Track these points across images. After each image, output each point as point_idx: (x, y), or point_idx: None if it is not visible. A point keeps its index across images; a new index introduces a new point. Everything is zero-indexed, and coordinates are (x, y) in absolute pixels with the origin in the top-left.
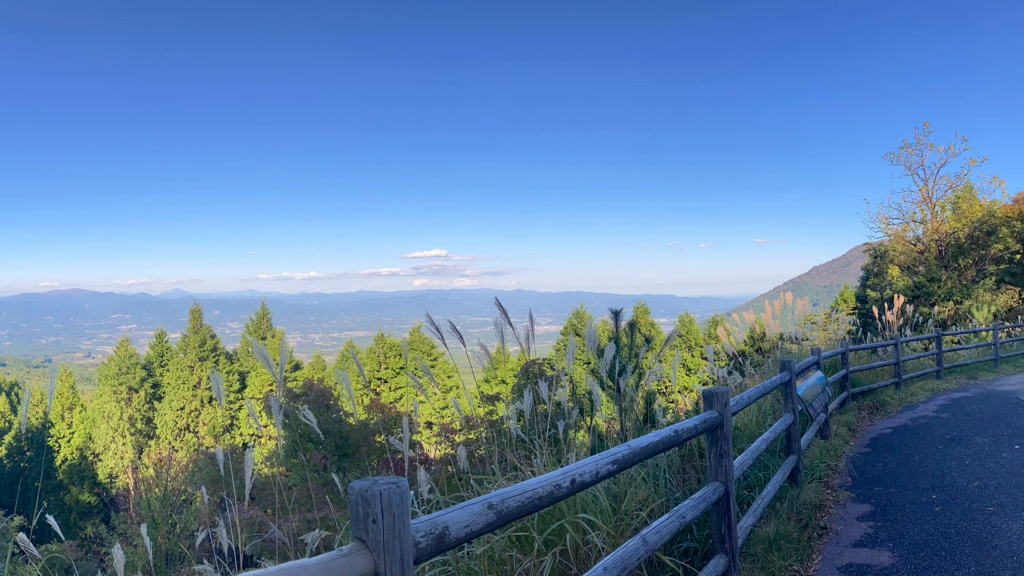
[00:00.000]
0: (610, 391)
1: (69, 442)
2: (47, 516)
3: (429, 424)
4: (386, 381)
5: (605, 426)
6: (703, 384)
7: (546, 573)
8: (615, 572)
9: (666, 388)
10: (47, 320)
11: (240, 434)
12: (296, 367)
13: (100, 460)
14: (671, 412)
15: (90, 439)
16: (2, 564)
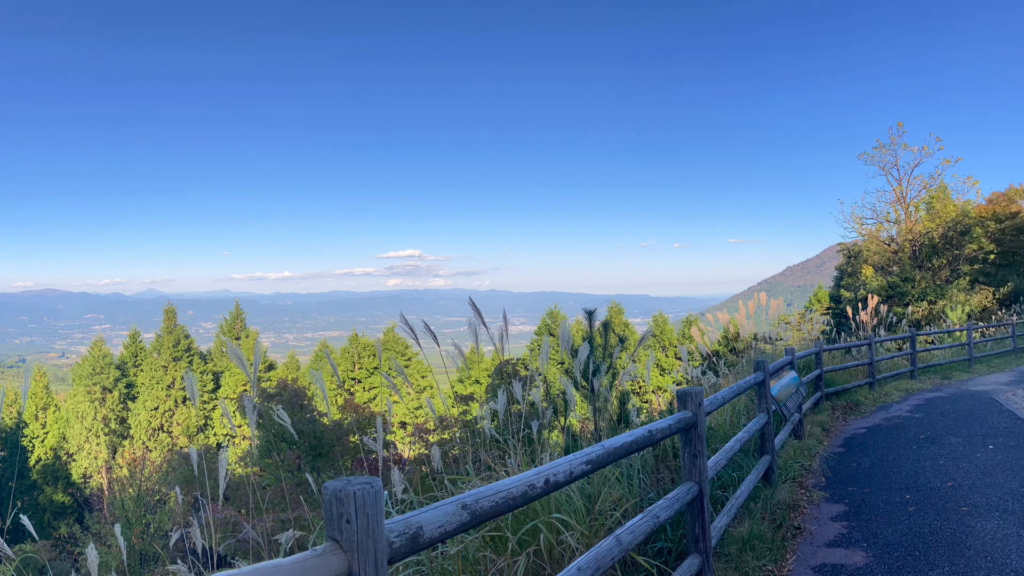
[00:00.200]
0: (584, 391)
1: (43, 442)
2: (21, 516)
3: (403, 424)
4: (360, 381)
5: (579, 426)
6: (677, 384)
7: (520, 573)
8: (589, 572)
9: (640, 388)
10: (21, 320)
11: (214, 434)
12: (270, 367)
13: (74, 460)
14: (645, 412)
15: (64, 439)
16: None
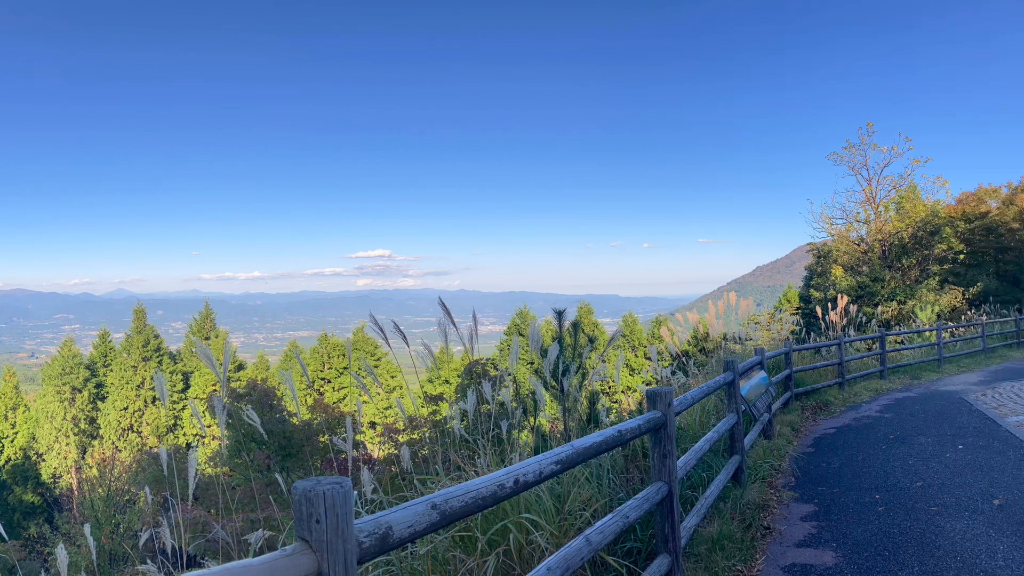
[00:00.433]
0: (554, 391)
1: (12, 442)
2: None
3: (373, 424)
4: (329, 381)
5: (549, 426)
6: (647, 384)
7: (490, 573)
8: (559, 572)
9: (609, 388)
10: None
11: (184, 434)
12: (239, 367)
13: (43, 460)
14: (614, 412)
15: (33, 439)
16: None
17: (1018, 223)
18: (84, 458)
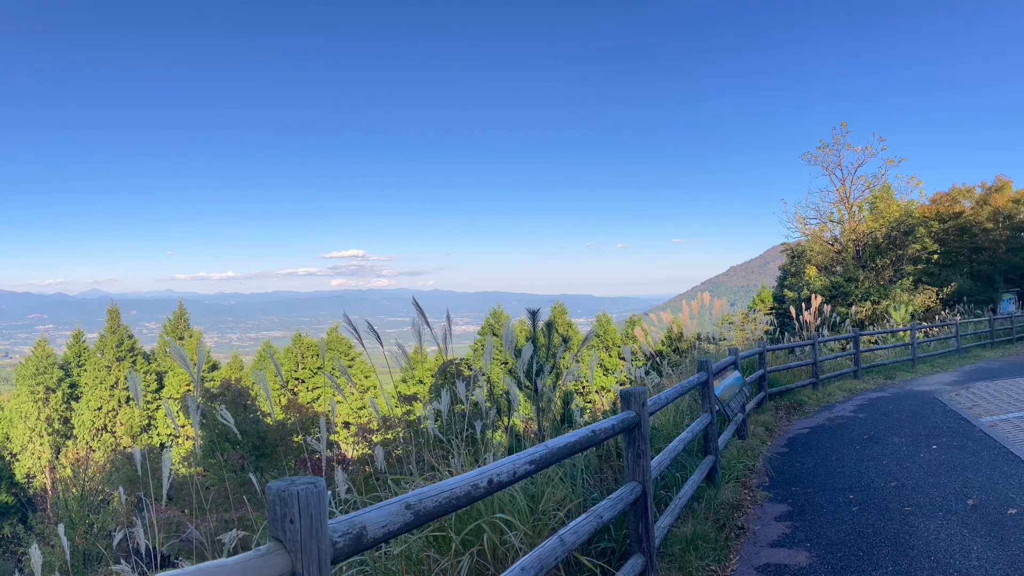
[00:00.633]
0: (528, 391)
1: None
2: None
3: (347, 424)
4: (304, 381)
5: (523, 426)
6: (621, 384)
7: (464, 573)
8: (532, 572)
9: (583, 388)
10: None
11: (158, 434)
12: (214, 367)
13: (17, 460)
14: (588, 412)
15: (7, 439)
16: None
17: (992, 223)
18: (58, 458)
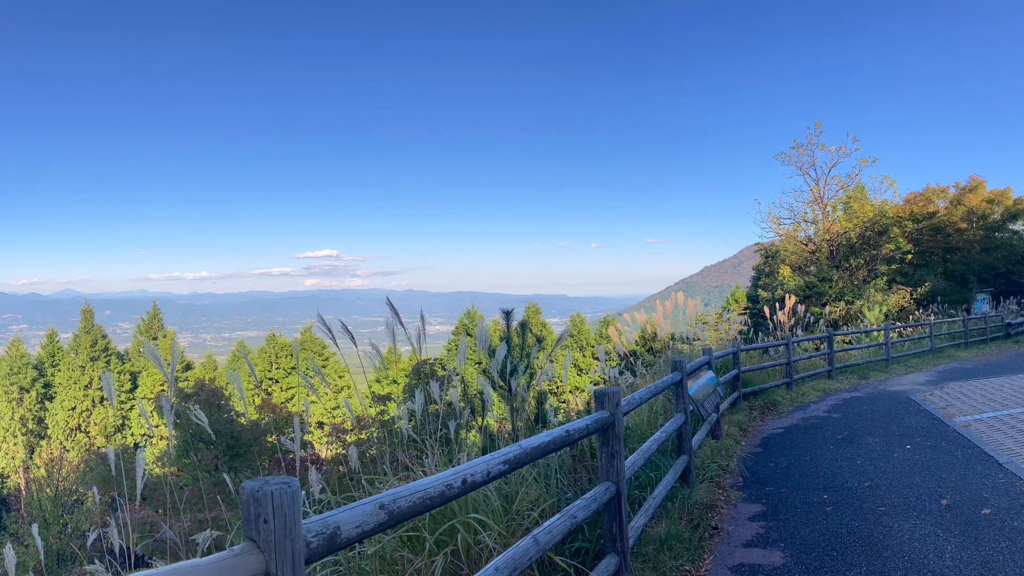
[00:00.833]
0: (502, 391)
1: None
2: None
3: (320, 424)
4: (277, 381)
5: (497, 426)
6: (595, 384)
7: (438, 573)
8: (506, 572)
9: (557, 388)
10: None
11: (132, 434)
12: (187, 367)
13: None
14: (562, 412)
15: None
16: None
17: (966, 223)
18: (32, 458)
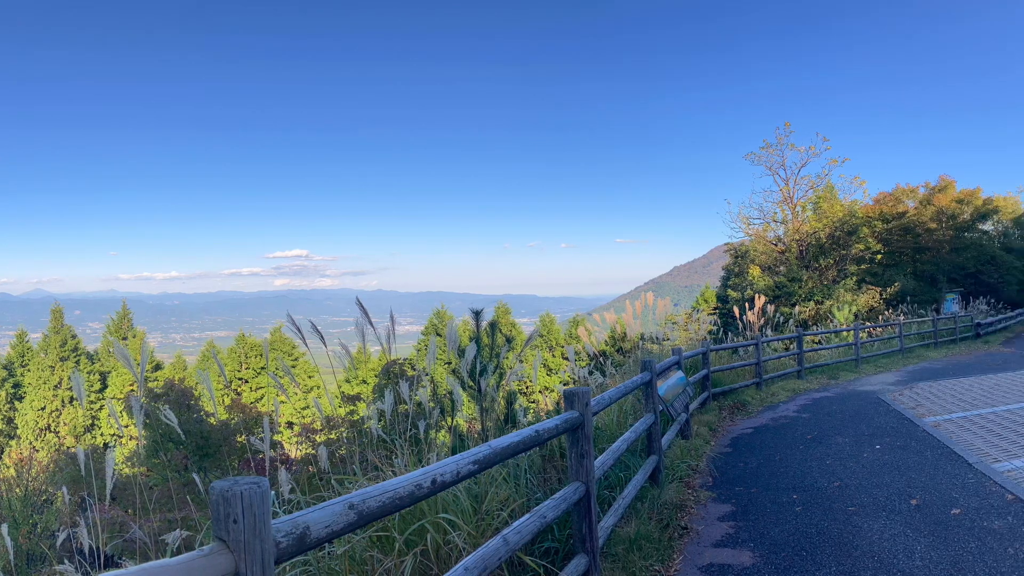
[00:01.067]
0: (471, 391)
1: None
2: None
3: (290, 424)
4: (247, 381)
5: (466, 426)
6: (564, 384)
7: (407, 573)
8: (476, 572)
9: (527, 388)
10: None
11: (101, 434)
12: (157, 367)
13: None
14: (532, 412)
15: None
16: None
17: (936, 223)
18: (1, 458)
